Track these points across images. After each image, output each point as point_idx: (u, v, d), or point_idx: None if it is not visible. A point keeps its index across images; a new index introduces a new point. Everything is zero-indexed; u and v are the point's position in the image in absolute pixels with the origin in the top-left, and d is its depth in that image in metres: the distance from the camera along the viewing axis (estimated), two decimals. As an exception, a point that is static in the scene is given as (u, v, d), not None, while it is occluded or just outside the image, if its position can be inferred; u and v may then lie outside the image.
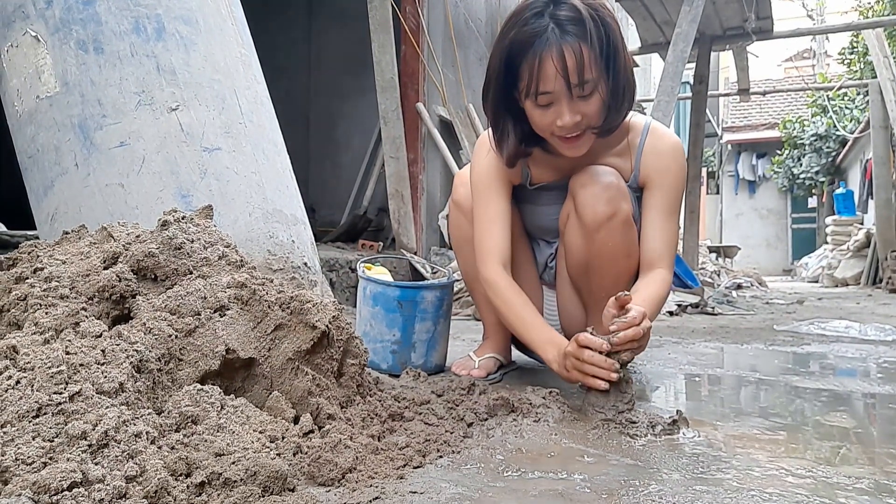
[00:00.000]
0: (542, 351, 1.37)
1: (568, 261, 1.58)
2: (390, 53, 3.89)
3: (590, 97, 1.32)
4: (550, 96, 1.32)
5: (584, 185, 1.47)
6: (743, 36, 6.18)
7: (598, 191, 1.44)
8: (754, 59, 7.77)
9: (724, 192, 18.05)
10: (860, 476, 0.94)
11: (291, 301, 1.05)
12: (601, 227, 1.45)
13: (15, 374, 0.80)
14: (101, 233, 1.16)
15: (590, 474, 0.92)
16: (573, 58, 1.27)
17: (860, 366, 2.03)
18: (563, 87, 1.30)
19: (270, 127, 1.62)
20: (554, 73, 1.28)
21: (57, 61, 1.40)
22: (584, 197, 1.46)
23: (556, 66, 1.27)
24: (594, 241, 1.46)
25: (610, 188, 1.44)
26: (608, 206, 1.43)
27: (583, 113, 1.33)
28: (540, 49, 1.28)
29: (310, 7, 6.05)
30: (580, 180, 1.48)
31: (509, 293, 1.46)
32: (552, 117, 1.34)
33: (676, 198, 1.50)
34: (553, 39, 1.27)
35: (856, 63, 11.94)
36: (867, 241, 9.11)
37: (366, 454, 0.92)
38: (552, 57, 1.27)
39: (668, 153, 1.49)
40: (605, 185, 1.45)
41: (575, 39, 1.27)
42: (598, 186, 1.45)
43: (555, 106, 1.33)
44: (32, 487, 0.67)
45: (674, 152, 1.50)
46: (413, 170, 4.27)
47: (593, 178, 1.46)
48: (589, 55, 1.28)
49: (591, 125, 1.37)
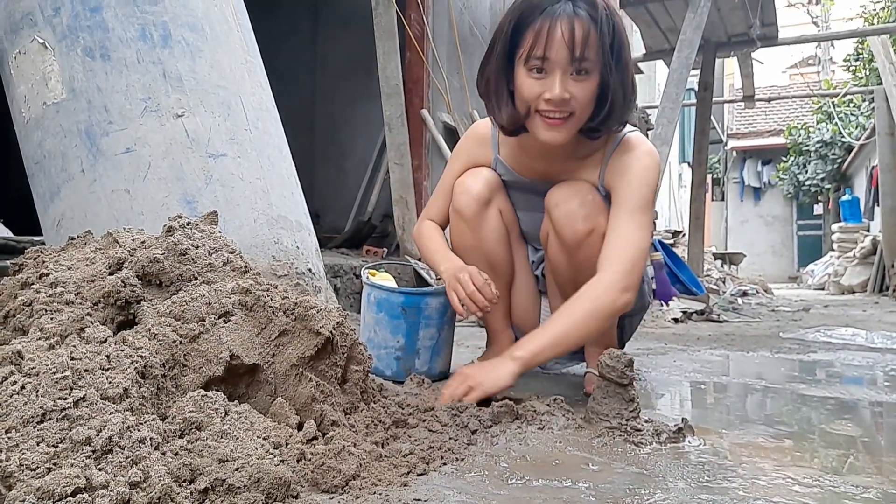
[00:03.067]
0: (440, 265, 1.56)
1: (555, 276, 1.60)
2: (395, 60, 3.90)
3: (583, 80, 1.32)
4: (547, 63, 1.31)
5: (559, 204, 1.46)
6: (747, 43, 6.17)
7: (575, 208, 1.44)
8: (759, 66, 7.78)
9: (730, 198, 18.01)
10: (867, 485, 0.93)
11: (296, 307, 1.05)
12: (581, 244, 1.45)
13: (20, 380, 0.80)
14: (106, 238, 1.16)
15: (594, 482, 0.92)
16: (581, 30, 1.29)
17: (867, 374, 2.02)
18: (564, 57, 1.30)
19: (275, 133, 1.63)
20: (559, 40, 1.29)
21: (64, 68, 1.41)
22: (559, 215, 1.46)
23: (562, 32, 1.29)
24: (576, 257, 1.47)
25: (585, 205, 1.44)
26: (585, 222, 1.43)
27: (572, 93, 1.32)
28: (551, 14, 1.30)
29: (315, 13, 6.08)
30: (554, 199, 1.47)
31: (428, 231, 1.67)
32: (541, 88, 1.33)
33: (638, 198, 1.41)
34: (566, 10, 1.30)
35: (861, 70, 11.93)
36: (873, 249, 9.07)
37: (369, 461, 0.92)
38: (562, 24, 1.29)
39: (631, 156, 1.45)
40: (581, 202, 1.44)
41: (587, 17, 1.30)
42: (574, 203, 1.44)
43: (548, 77, 1.33)
44: (36, 493, 0.67)
45: (638, 155, 1.45)
46: (417, 176, 4.28)
47: (568, 195, 1.45)
48: (595, 37, 1.30)
49: (576, 112, 1.34)
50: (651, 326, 3.41)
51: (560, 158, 1.49)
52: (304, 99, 5.96)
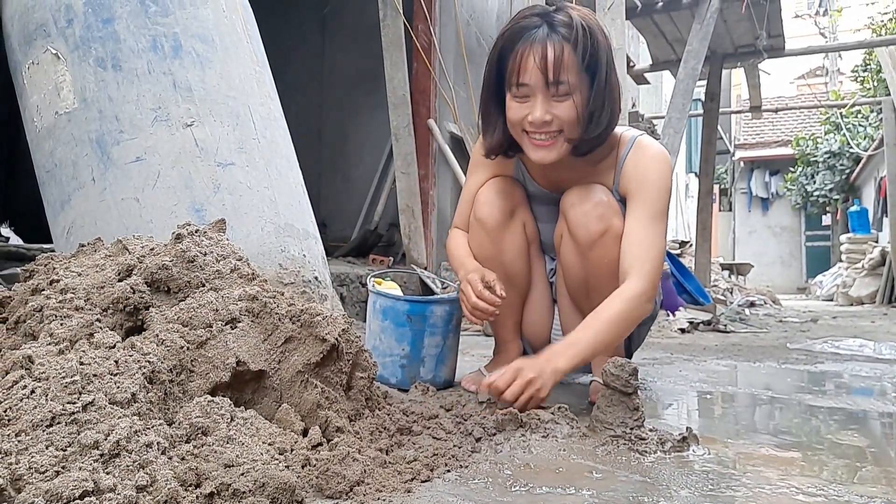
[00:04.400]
0: (458, 270, 1.59)
1: (566, 279, 1.60)
2: (402, 71, 3.93)
3: (564, 100, 1.36)
4: (527, 89, 1.37)
5: (574, 205, 1.48)
6: (754, 53, 6.19)
7: (589, 208, 1.46)
8: (766, 77, 7.77)
9: (737, 209, 17.96)
10: (873, 495, 0.93)
11: (302, 314, 1.06)
12: (595, 245, 1.46)
13: (30, 384, 0.81)
14: (116, 246, 1.18)
15: (598, 490, 0.92)
16: (553, 54, 1.33)
17: (875, 385, 2.01)
18: (540, 82, 1.35)
19: (283, 143, 1.64)
20: (533, 66, 1.34)
21: (76, 78, 1.44)
22: (574, 215, 1.47)
23: (535, 59, 1.33)
24: (589, 258, 1.48)
25: (600, 205, 1.45)
26: (599, 223, 1.45)
27: (554, 114, 1.37)
28: (528, 39, 1.35)
29: (323, 24, 6.14)
30: (570, 199, 1.50)
31: (455, 237, 1.68)
32: (526, 111, 1.39)
33: (656, 205, 1.44)
34: (540, 35, 1.35)
35: (869, 80, 11.91)
36: (882, 260, 9.02)
37: (374, 467, 0.92)
38: (535, 50, 1.34)
39: (646, 160, 1.47)
40: (595, 203, 1.46)
41: (560, 40, 1.34)
42: (588, 204, 1.46)
43: (530, 100, 1.38)
44: (45, 495, 0.67)
45: (654, 160, 1.47)
46: (424, 185, 4.30)
47: (583, 196, 1.47)
48: (570, 58, 1.34)
49: (562, 131, 1.39)
50: (657, 336, 3.40)
51: (571, 166, 1.51)
52: (312, 109, 6.00)
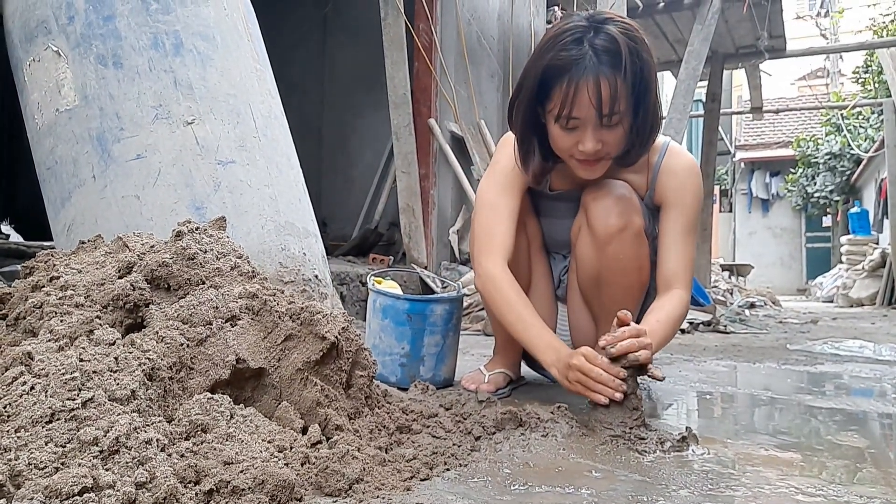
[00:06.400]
0: (542, 354, 1.35)
1: (579, 273, 1.59)
2: (403, 70, 3.93)
3: (614, 127, 1.35)
4: (577, 121, 1.34)
5: (596, 199, 1.49)
6: (755, 54, 6.19)
7: (611, 203, 1.46)
8: (767, 78, 7.77)
9: (738, 210, 17.95)
10: (872, 496, 0.93)
11: (301, 312, 1.06)
12: (612, 239, 1.46)
13: (29, 380, 0.81)
14: (116, 243, 1.18)
15: (597, 489, 0.92)
16: (608, 89, 1.28)
17: (875, 386, 2.01)
18: (593, 116, 1.32)
19: (284, 141, 1.64)
20: (587, 102, 1.30)
21: (77, 75, 1.44)
22: (595, 209, 1.48)
23: (590, 95, 1.29)
24: (605, 253, 1.48)
25: (622, 201, 1.46)
26: (620, 218, 1.45)
27: (604, 141, 1.36)
28: (577, 76, 1.29)
29: (324, 23, 6.14)
30: (592, 193, 1.50)
31: (512, 291, 1.43)
32: (574, 141, 1.37)
33: (692, 217, 1.51)
34: (590, 68, 1.28)
35: (870, 82, 11.91)
36: (882, 261, 9.02)
37: (373, 465, 0.92)
38: (588, 86, 1.28)
39: (683, 173, 1.51)
40: (618, 198, 1.47)
41: (611, 71, 1.28)
42: (611, 199, 1.47)
43: (580, 130, 1.35)
44: (44, 492, 0.67)
45: (690, 172, 1.52)
46: (424, 185, 4.30)
47: (605, 191, 1.48)
48: (622, 88, 1.29)
49: (610, 154, 1.40)
50: (657, 337, 3.39)
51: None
52: (313, 107, 6.00)
